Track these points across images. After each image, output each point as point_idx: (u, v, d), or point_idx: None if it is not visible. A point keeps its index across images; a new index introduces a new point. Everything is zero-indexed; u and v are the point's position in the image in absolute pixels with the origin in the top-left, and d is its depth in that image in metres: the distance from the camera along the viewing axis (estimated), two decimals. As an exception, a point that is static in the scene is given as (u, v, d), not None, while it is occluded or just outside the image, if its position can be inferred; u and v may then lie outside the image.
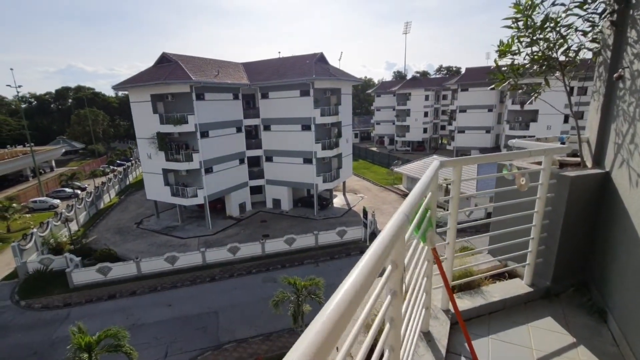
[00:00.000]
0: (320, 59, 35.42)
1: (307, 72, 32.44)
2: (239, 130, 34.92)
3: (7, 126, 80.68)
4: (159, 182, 32.62)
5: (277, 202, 37.16)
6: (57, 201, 41.33)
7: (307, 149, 33.71)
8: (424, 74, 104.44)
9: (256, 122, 35.94)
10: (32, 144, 54.21)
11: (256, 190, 37.74)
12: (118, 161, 66.45)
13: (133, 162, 60.60)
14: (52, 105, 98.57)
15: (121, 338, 12.37)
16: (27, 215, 36.17)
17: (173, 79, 28.50)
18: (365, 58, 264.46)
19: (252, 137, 36.92)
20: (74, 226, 32.34)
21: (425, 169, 2.48)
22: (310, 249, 27.10)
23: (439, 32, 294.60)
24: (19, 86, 45.14)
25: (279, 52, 40.72)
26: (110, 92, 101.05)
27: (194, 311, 19.87)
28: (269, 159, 36.52)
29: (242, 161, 35.70)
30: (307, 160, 34.08)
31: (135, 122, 33.52)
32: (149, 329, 18.52)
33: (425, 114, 67.58)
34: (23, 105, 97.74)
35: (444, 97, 72.43)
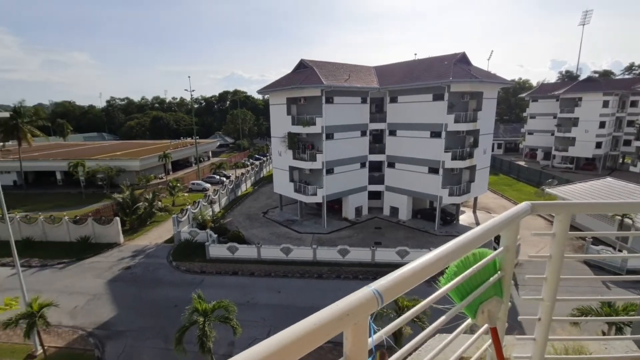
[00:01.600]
0: (461, 59, 32.54)
1: (444, 75, 30.30)
2: (363, 134, 35.48)
3: (184, 122, 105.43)
4: (285, 178, 36.21)
5: (394, 211, 36.07)
6: (208, 185, 51.16)
7: (434, 158, 31.50)
8: (606, 73, 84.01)
9: (382, 126, 35.80)
10: (197, 137, 68.86)
11: (374, 196, 37.60)
12: (256, 156, 77.60)
13: (268, 157, 69.49)
14: (215, 106, 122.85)
15: (230, 312, 14.01)
16: (186, 194, 46.05)
17: (307, 84, 31.13)
18: (524, 56, 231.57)
19: (376, 141, 36.95)
20: (216, 208, 39.27)
21: (594, 193, 1.61)
22: (425, 267, 25.02)
23: (633, 22, 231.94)
24: (193, 90, 57.94)
25: (415, 54, 39.51)
26: (259, 96, 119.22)
27: (299, 303, 21.06)
28: (391, 165, 35.82)
29: (363, 165, 36.14)
30: (433, 170, 31.83)
31: (271, 122, 38.28)
32: (259, 309, 20.61)
33: (602, 125, 53.96)
34: (196, 106, 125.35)
35: (633, 104, 56.31)
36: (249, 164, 69.52)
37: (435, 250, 1.33)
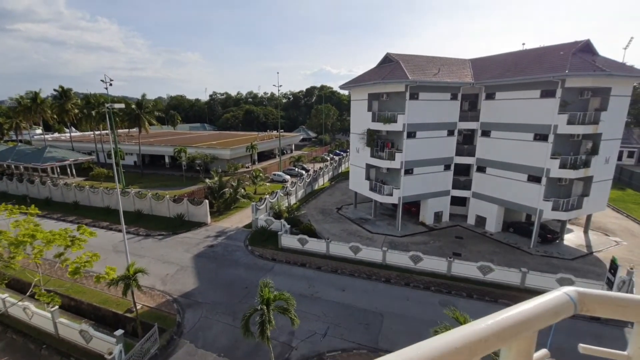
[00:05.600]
0: (584, 48, 27.64)
1: (558, 67, 26.14)
2: (450, 133, 33.00)
3: (272, 115, 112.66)
4: (361, 176, 35.94)
5: (481, 220, 32.86)
6: (287, 177, 53.94)
7: (537, 165, 27.60)
8: None
9: (473, 125, 32.76)
10: (282, 130, 72.93)
11: (458, 202, 34.84)
12: (337, 151, 78.87)
13: (348, 153, 70.00)
14: (302, 101, 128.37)
15: (289, 305, 14.52)
16: (267, 184, 49.29)
17: (390, 79, 30.16)
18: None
19: (466, 142, 34.03)
20: (292, 199, 41.14)
21: None
22: (511, 287, 22.26)
23: None
24: (280, 86, 61.35)
25: (523, 44, 34.87)
26: (345, 91, 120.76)
27: (362, 305, 20.76)
28: (481, 169, 32.62)
29: (447, 167, 33.70)
30: (534, 178, 27.92)
31: (351, 118, 38.27)
32: (321, 304, 20.98)
33: None
34: (284, 100, 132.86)
35: None
36: (328, 158, 71.08)
37: None
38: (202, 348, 17.50)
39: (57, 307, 17.68)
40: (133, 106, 60.22)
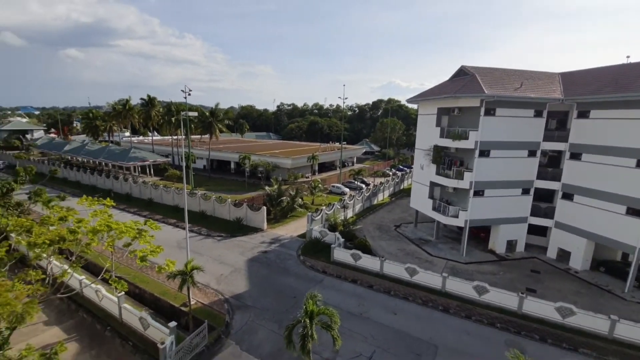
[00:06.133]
0: None
1: (673, 80, 22.53)
2: (532, 154, 30.14)
3: (336, 127, 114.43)
4: (424, 194, 34.42)
5: (564, 254, 29.17)
6: (346, 189, 53.87)
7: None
8: None
9: (561, 146, 29.56)
10: (345, 142, 73.50)
11: (537, 231, 31.46)
12: (400, 166, 77.07)
13: (411, 169, 67.86)
14: (367, 114, 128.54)
15: (333, 322, 14.19)
16: (325, 195, 49.74)
17: (463, 92, 28.69)
18: None
19: (551, 164, 30.81)
20: (349, 213, 40.87)
21: None
22: (597, 336, 19.17)
23: None
24: (346, 98, 62.09)
25: (628, 57, 30.63)
26: (413, 105, 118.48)
27: (415, 333, 19.52)
28: (567, 196, 29.12)
29: (526, 191, 30.72)
30: (635, 212, 24.07)
31: (417, 133, 37.10)
32: (369, 325, 20.21)
33: None
34: (349, 113, 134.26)
35: None
36: (390, 173, 69.72)
37: None
38: (246, 351, 17.94)
39: (123, 293, 19.63)
40: (207, 114, 66.04)
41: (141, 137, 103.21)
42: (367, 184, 57.20)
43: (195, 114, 32.48)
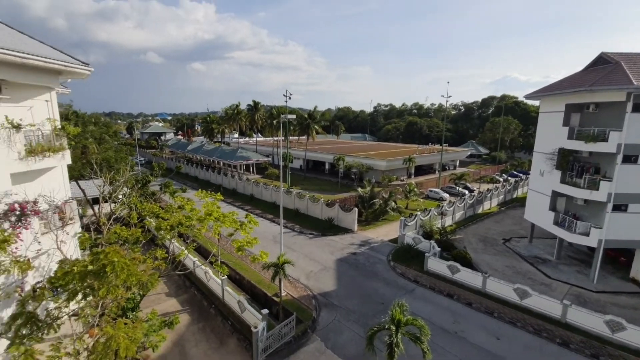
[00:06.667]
0: None
1: None
2: (700, 159, 23.65)
3: (437, 128, 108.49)
4: (544, 205, 30.03)
5: None
6: (446, 195, 50.56)
7: None
8: None
9: None
10: (447, 144, 69.11)
11: None
12: (513, 172, 68.90)
13: (527, 176, 60.07)
14: (475, 113, 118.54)
15: (422, 334, 13.34)
16: (421, 200, 47.50)
17: (602, 85, 24.09)
18: None
19: None
20: (447, 221, 38.19)
21: None
22: None
23: None
24: (449, 96, 58.15)
25: None
26: (534, 102, 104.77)
27: (522, 365, 17.14)
28: None
29: (691, 208, 24.25)
30: None
31: (537, 134, 32.51)
32: (465, 346, 18.50)
33: None
34: (454, 112, 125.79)
35: None
36: (500, 179, 62.93)
37: None
38: (330, 349, 18.27)
39: (225, 276, 22.00)
40: (305, 116, 69.78)
41: (247, 138, 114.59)
42: (471, 190, 52.67)
43: (294, 116, 34.58)
